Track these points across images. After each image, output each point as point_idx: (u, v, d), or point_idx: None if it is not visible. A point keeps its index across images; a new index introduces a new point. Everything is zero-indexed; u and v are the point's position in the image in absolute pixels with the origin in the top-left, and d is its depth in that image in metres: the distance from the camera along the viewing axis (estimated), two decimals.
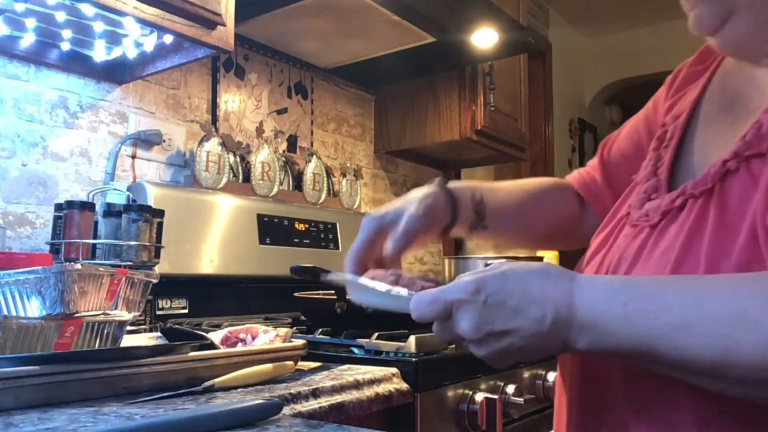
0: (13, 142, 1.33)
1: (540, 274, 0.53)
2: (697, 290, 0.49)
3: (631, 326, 0.49)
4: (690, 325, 0.47)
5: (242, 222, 1.61)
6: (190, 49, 1.36)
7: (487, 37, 1.88)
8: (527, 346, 0.52)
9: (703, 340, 0.46)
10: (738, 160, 0.55)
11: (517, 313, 0.51)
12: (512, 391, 1.11)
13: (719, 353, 0.46)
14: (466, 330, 0.53)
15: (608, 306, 0.50)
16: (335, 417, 0.80)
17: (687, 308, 0.47)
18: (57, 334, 0.80)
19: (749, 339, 0.45)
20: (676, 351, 0.47)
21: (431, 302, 0.55)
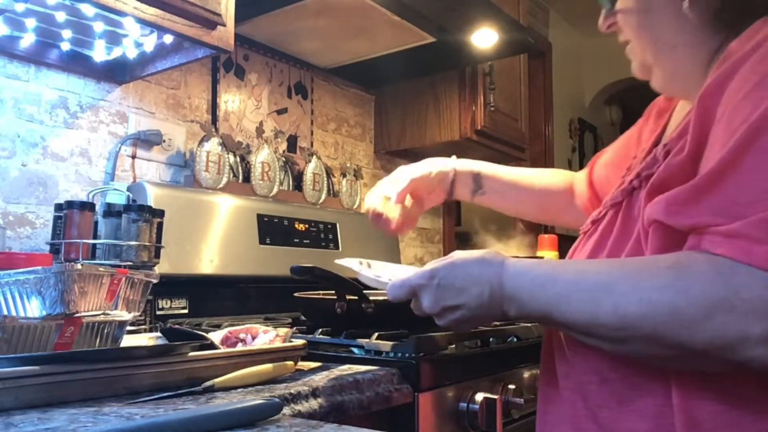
0: (13, 142, 1.33)
1: (479, 260, 0.68)
2: (580, 268, 0.64)
3: (534, 296, 0.65)
4: (570, 294, 0.61)
5: (242, 222, 1.61)
6: (190, 49, 1.36)
7: (487, 37, 1.88)
8: (475, 316, 0.68)
9: (577, 306, 0.61)
10: (639, 179, 0.70)
11: (462, 292, 0.68)
12: (512, 391, 1.11)
13: (588, 316, 0.60)
14: (426, 306, 0.71)
15: (521, 281, 0.66)
16: (335, 417, 0.80)
17: (569, 281, 0.62)
18: (57, 334, 0.80)
19: (606, 302, 0.58)
20: (562, 316, 0.62)
21: (400, 287, 0.73)
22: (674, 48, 0.70)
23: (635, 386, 0.64)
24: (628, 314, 0.57)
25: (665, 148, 0.67)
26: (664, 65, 0.73)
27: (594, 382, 0.67)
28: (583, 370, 0.69)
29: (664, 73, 0.74)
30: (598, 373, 0.67)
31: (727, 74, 0.60)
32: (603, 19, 0.77)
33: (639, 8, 0.72)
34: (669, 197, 0.59)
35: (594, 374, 0.68)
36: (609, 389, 0.66)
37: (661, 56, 0.72)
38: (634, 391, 0.64)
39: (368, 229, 2.04)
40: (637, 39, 0.74)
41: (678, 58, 0.71)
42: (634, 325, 0.57)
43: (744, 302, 0.52)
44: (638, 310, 0.56)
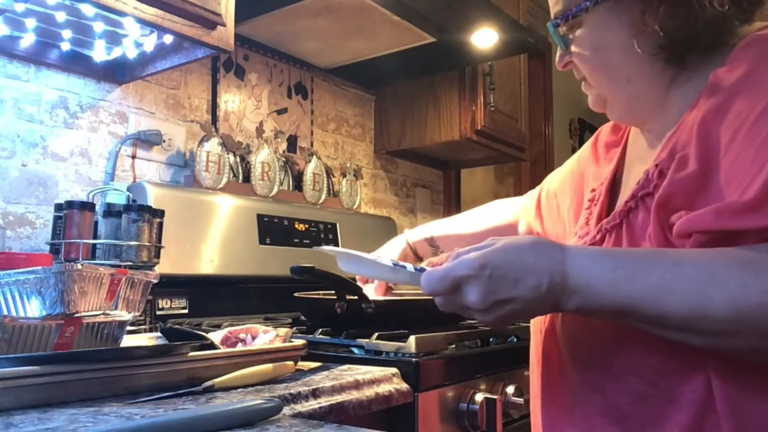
0: (13, 142, 1.33)
1: (533, 247, 0.63)
2: (673, 258, 0.59)
3: (618, 289, 0.59)
4: (669, 286, 0.57)
5: (242, 222, 1.61)
6: (190, 49, 1.36)
7: (487, 37, 1.88)
8: (526, 310, 0.63)
9: (680, 298, 0.57)
10: (636, 200, 0.70)
11: (518, 283, 0.61)
12: (512, 391, 1.11)
13: (693, 309, 0.56)
14: (474, 301, 0.62)
15: (598, 272, 0.60)
16: (335, 417, 0.80)
17: (666, 273, 0.58)
18: (57, 334, 0.80)
19: (718, 296, 0.55)
20: (656, 309, 0.58)
21: (442, 278, 0.63)
22: (629, 81, 0.74)
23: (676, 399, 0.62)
24: (747, 306, 0.54)
25: (657, 168, 0.68)
26: (620, 97, 0.76)
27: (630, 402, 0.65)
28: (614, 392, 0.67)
29: (621, 105, 0.77)
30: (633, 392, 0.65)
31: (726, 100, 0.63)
32: (559, 58, 0.81)
33: (593, 47, 0.75)
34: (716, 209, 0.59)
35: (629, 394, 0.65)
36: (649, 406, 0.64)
37: (617, 89, 0.76)
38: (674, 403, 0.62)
39: (368, 229, 2.04)
40: (592, 76, 0.77)
41: (634, 90, 0.74)
42: (754, 317, 0.54)
43: None
44: (760, 301, 0.53)
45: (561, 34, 0.78)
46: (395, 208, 2.46)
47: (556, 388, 0.75)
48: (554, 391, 0.76)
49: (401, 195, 2.50)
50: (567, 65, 0.81)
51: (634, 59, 0.72)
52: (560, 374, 0.74)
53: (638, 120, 0.79)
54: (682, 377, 0.62)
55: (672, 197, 0.64)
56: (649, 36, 0.69)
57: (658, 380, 0.63)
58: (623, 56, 0.73)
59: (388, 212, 2.41)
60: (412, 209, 2.56)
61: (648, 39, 0.70)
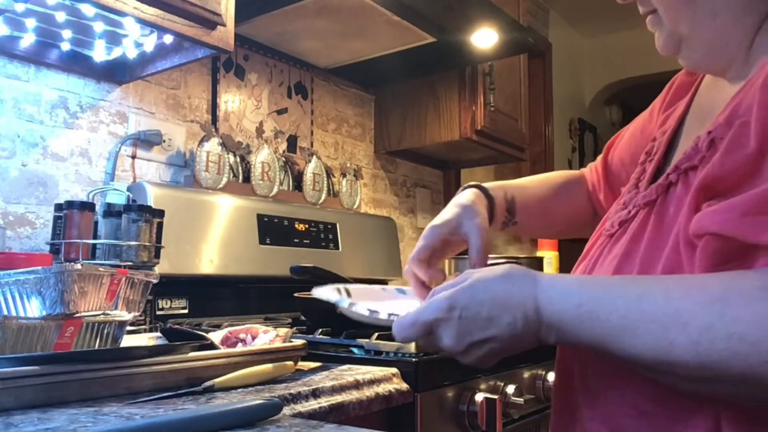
0: (13, 142, 1.33)
1: (505, 279, 0.57)
2: (639, 292, 0.52)
3: (584, 326, 0.53)
4: (632, 326, 0.51)
5: (242, 222, 1.61)
6: (190, 50, 1.36)
7: (487, 37, 1.88)
8: (505, 348, 0.57)
9: (643, 340, 0.50)
10: (678, 173, 0.59)
11: (491, 322, 0.56)
12: (512, 391, 1.11)
13: (657, 353, 0.50)
14: (449, 344, 0.58)
15: (565, 307, 0.54)
16: (335, 417, 0.80)
17: (630, 311, 0.51)
18: (57, 334, 0.80)
19: (681, 339, 0.48)
20: (622, 350, 0.52)
21: (412, 324, 0.59)
22: (715, 16, 0.60)
23: (680, 423, 0.55)
24: (715, 353, 0.47)
25: (709, 136, 0.56)
26: (701, 36, 0.62)
27: (631, 415, 0.58)
28: (615, 401, 0.59)
29: (701, 46, 0.62)
30: (633, 406, 0.58)
31: None
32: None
33: None
34: (741, 205, 0.49)
35: (630, 407, 0.58)
36: (649, 426, 0.57)
37: (699, 25, 0.61)
38: (679, 427, 0.55)
39: (368, 229, 2.04)
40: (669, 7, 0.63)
41: (719, 28, 0.61)
42: (724, 366, 0.47)
43: None
44: (727, 348, 0.46)
45: None
46: (395, 208, 2.46)
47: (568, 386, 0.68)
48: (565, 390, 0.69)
49: (401, 195, 2.50)
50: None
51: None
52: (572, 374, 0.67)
53: (718, 66, 0.64)
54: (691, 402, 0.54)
55: (718, 181, 0.52)
56: None
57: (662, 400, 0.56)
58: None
59: (388, 212, 2.41)
60: (412, 209, 2.56)
61: None
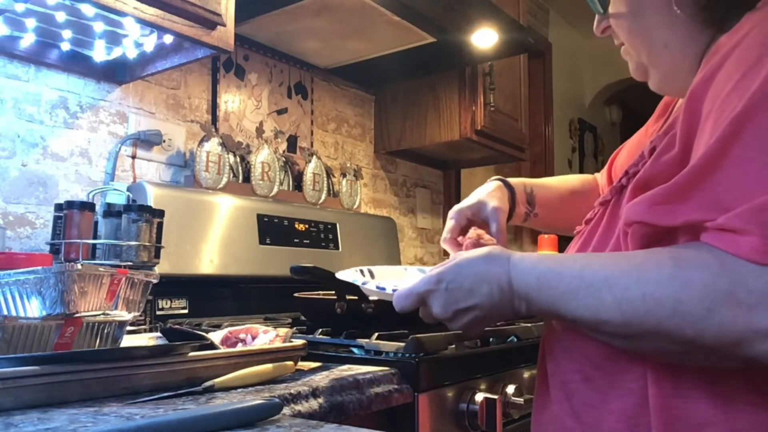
0: (13, 142, 1.33)
1: (485, 258, 0.67)
2: (582, 264, 0.62)
3: (541, 294, 0.63)
4: (574, 291, 0.60)
5: (242, 222, 1.61)
6: (190, 50, 1.36)
7: (487, 37, 1.88)
8: (487, 315, 0.67)
9: (582, 303, 0.60)
10: (627, 177, 0.69)
11: (472, 292, 0.66)
12: (512, 391, 1.11)
13: (592, 313, 0.59)
14: (438, 312, 0.69)
15: (528, 279, 0.64)
16: (335, 417, 0.80)
17: (573, 278, 0.61)
18: (57, 334, 0.80)
19: (608, 300, 0.57)
20: (568, 312, 0.61)
21: (407, 296, 0.71)
22: (666, 47, 0.71)
23: (615, 384, 0.64)
24: (632, 310, 0.56)
25: (651, 144, 0.66)
26: (658, 65, 0.73)
27: (577, 380, 0.68)
28: (568, 368, 0.69)
29: (659, 73, 0.74)
30: (580, 371, 0.67)
31: (715, 69, 0.60)
32: (596, 23, 0.78)
33: (630, 11, 0.72)
34: (651, 197, 0.58)
35: (577, 372, 0.68)
36: (591, 387, 0.66)
37: (655, 56, 0.72)
38: (614, 390, 0.64)
39: (368, 229, 2.04)
40: (630, 41, 0.75)
41: (671, 57, 0.71)
42: (639, 321, 0.56)
43: (749, 294, 0.51)
44: (642, 306, 0.55)
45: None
46: (395, 208, 2.46)
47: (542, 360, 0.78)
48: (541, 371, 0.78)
49: (401, 195, 2.50)
50: (605, 31, 0.78)
51: (672, 22, 0.69)
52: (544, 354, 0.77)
53: (676, 90, 0.75)
54: (624, 365, 0.63)
55: (650, 181, 0.62)
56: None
57: (602, 364, 0.65)
58: (661, 19, 0.70)
59: (388, 212, 2.41)
60: (412, 209, 2.56)
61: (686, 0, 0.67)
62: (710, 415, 0.58)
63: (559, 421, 0.69)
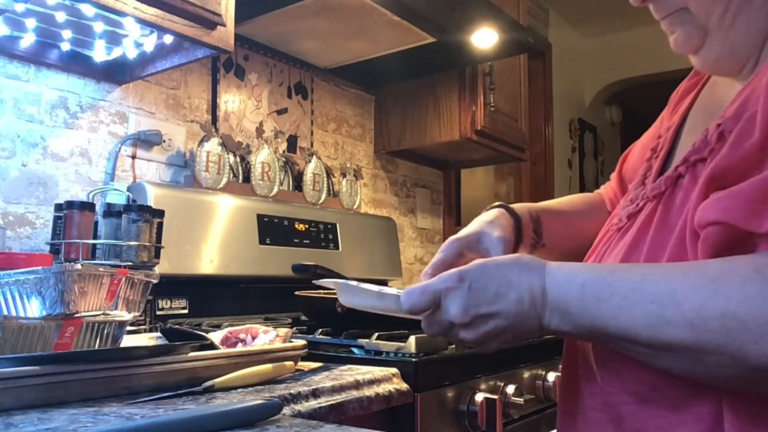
0: (13, 142, 1.33)
1: (515, 262, 0.59)
2: (640, 275, 0.54)
3: (586, 307, 0.55)
4: (631, 306, 0.52)
5: (242, 222, 1.61)
6: (190, 50, 1.36)
7: (487, 38, 1.88)
8: (510, 327, 0.58)
9: (640, 320, 0.52)
10: (686, 165, 0.60)
11: (499, 297, 0.57)
12: (512, 391, 1.11)
13: (653, 330, 0.51)
14: (455, 315, 0.59)
15: (570, 288, 0.56)
16: (335, 417, 0.80)
17: (631, 291, 0.53)
18: (57, 334, 0.80)
19: (677, 318, 0.50)
20: (620, 329, 0.53)
21: (422, 293, 0.60)
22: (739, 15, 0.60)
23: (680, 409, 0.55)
24: (707, 332, 0.48)
25: (719, 128, 0.57)
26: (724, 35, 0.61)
27: (629, 402, 0.59)
28: (616, 389, 0.60)
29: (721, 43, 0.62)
30: (634, 393, 0.59)
31: None
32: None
33: None
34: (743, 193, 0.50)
35: (629, 394, 0.59)
36: (648, 411, 0.57)
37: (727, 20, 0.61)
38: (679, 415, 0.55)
39: (368, 230, 2.04)
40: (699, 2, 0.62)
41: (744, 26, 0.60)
42: (716, 345, 0.48)
43: None
44: (721, 327, 0.48)
45: None
46: (395, 208, 2.46)
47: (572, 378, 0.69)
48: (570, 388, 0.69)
49: (401, 195, 2.50)
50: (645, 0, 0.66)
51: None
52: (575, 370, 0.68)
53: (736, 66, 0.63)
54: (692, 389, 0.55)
55: (727, 172, 0.53)
56: None
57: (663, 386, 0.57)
58: None
59: (388, 212, 2.41)
60: (412, 209, 2.56)
61: None
62: None
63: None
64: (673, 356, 0.52)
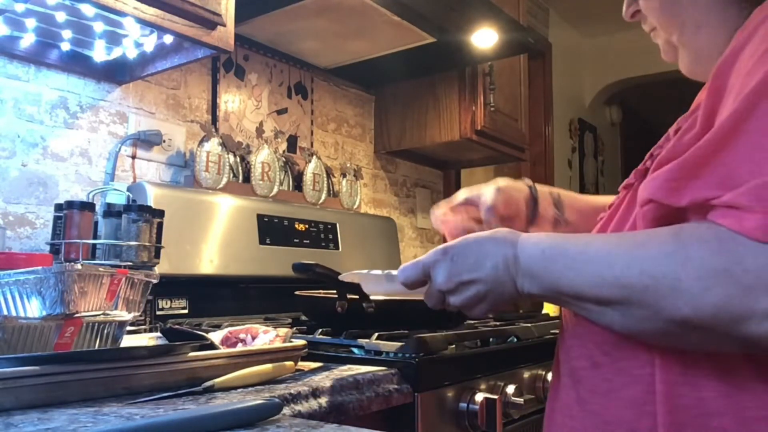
0: (13, 142, 1.33)
1: (492, 236, 0.68)
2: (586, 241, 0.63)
3: (546, 268, 0.63)
4: (576, 266, 0.61)
5: (242, 222, 1.61)
6: (190, 50, 1.36)
7: (487, 38, 1.88)
8: (490, 291, 0.67)
9: (583, 278, 0.60)
10: (651, 159, 0.68)
11: (477, 265, 0.67)
12: (512, 391, 1.11)
13: (593, 288, 0.59)
14: (441, 283, 0.69)
15: (534, 253, 0.65)
16: (335, 417, 0.80)
17: (578, 253, 0.61)
18: (57, 334, 0.80)
19: (609, 276, 0.57)
20: (570, 288, 0.61)
21: (414, 265, 0.72)
22: (699, 28, 0.69)
23: (622, 371, 0.63)
24: (630, 287, 0.55)
25: (677, 125, 0.66)
26: (689, 46, 0.71)
27: (585, 367, 0.67)
28: (576, 355, 0.69)
29: (690, 54, 0.72)
30: (589, 357, 0.67)
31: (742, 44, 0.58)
32: (626, 7, 0.77)
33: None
34: (665, 173, 0.57)
35: (585, 359, 0.67)
36: (598, 374, 0.65)
37: (686, 37, 0.71)
38: (621, 377, 0.63)
39: (368, 229, 2.04)
40: (662, 22, 0.73)
41: (702, 39, 0.69)
42: (638, 299, 0.55)
43: (747, 274, 0.50)
44: (639, 282, 0.55)
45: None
46: (395, 208, 2.46)
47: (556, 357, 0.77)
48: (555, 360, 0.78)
49: (401, 195, 2.50)
50: (634, 15, 0.76)
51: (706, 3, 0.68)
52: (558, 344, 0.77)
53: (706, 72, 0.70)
54: (631, 352, 0.62)
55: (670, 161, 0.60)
56: None
57: (610, 350, 0.64)
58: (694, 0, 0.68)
59: (388, 212, 2.41)
60: (412, 209, 2.56)
61: None
62: (719, 404, 0.57)
63: (567, 408, 0.69)
64: (612, 312, 0.59)
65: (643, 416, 0.61)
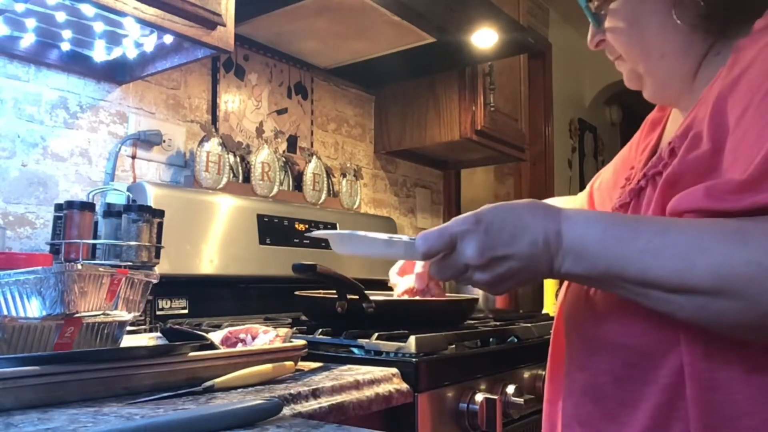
0: (13, 142, 1.33)
1: (530, 206, 0.63)
2: (664, 223, 0.59)
3: (607, 249, 0.59)
4: (657, 250, 0.56)
5: (242, 222, 1.61)
6: (190, 50, 1.36)
7: (487, 38, 1.88)
8: (523, 269, 0.61)
9: (664, 262, 0.56)
10: (647, 179, 0.68)
11: (514, 239, 0.60)
12: (512, 391, 1.11)
13: (676, 274, 0.55)
14: (471, 256, 0.61)
15: (589, 231, 0.60)
16: (335, 417, 0.80)
17: (655, 236, 0.57)
18: (57, 334, 0.80)
19: (702, 263, 0.54)
20: (641, 272, 0.57)
21: (439, 235, 0.62)
22: (663, 56, 0.71)
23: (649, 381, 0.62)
24: (730, 276, 0.52)
25: (670, 146, 0.66)
26: (654, 74, 0.73)
27: (608, 382, 0.65)
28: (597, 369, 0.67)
29: (655, 82, 0.74)
30: (611, 372, 0.65)
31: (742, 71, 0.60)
32: (591, 37, 0.78)
33: (627, 22, 0.72)
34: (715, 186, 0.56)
35: (607, 374, 0.66)
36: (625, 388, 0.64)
37: (651, 65, 0.73)
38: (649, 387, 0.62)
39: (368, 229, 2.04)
40: (626, 52, 0.75)
41: (667, 66, 0.72)
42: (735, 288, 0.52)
43: None
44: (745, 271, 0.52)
45: (593, 10, 0.75)
46: (395, 208, 2.46)
47: (556, 366, 0.76)
48: (555, 369, 0.77)
49: (401, 195, 2.50)
50: (599, 44, 0.78)
51: (670, 33, 0.69)
52: (560, 353, 0.75)
53: (671, 99, 0.76)
54: (658, 360, 0.61)
55: (682, 177, 0.61)
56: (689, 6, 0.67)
57: (635, 361, 0.63)
58: (659, 28, 0.70)
59: (388, 212, 2.41)
60: (412, 209, 2.56)
61: (687, 9, 0.67)
62: (748, 405, 0.57)
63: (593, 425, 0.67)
64: (687, 300, 0.55)
65: (675, 421, 0.60)
